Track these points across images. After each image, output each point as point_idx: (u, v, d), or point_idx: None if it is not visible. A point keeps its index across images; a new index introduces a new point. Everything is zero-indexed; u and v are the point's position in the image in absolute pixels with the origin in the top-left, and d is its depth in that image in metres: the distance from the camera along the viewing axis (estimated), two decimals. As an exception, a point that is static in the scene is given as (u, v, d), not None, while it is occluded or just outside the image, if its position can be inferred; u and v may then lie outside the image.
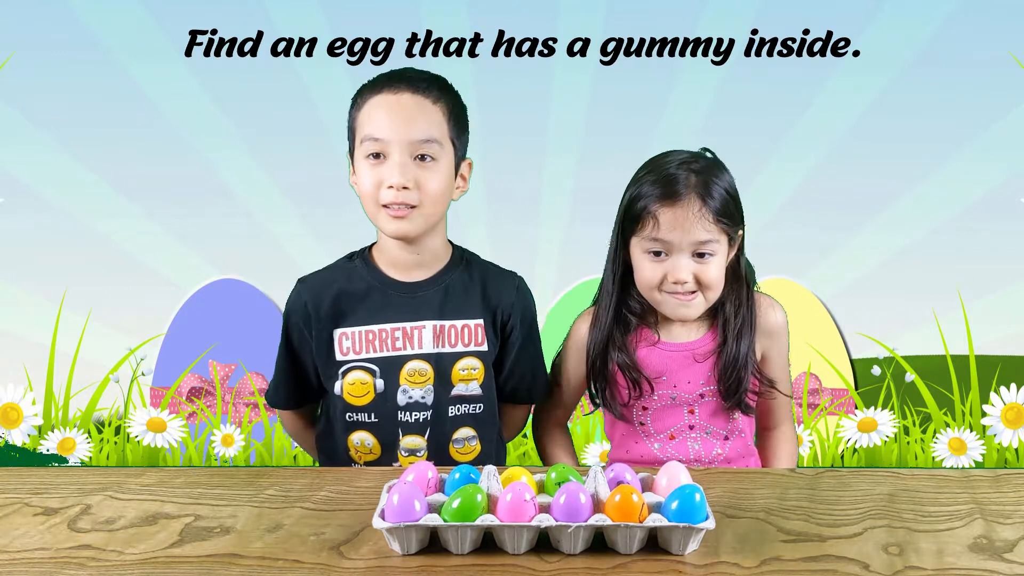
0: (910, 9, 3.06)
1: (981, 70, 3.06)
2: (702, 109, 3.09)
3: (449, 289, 1.53)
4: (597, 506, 1.03)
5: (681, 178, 1.43)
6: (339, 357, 1.51)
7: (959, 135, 3.04)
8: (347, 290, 1.52)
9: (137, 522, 1.11)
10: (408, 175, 1.43)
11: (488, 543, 1.00)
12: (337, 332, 1.51)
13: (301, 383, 1.57)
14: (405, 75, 1.48)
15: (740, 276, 1.52)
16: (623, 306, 1.53)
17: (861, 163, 3.14)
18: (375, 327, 1.50)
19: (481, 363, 1.52)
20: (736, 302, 1.51)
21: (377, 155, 1.44)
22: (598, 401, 1.57)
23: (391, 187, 1.43)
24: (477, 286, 1.54)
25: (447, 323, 1.51)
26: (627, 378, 1.51)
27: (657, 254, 1.45)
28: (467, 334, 1.52)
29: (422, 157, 1.44)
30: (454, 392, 1.51)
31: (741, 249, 1.52)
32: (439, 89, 1.48)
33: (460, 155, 1.52)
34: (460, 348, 1.51)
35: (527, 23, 3.11)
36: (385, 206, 1.45)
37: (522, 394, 1.61)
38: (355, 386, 1.50)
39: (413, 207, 1.44)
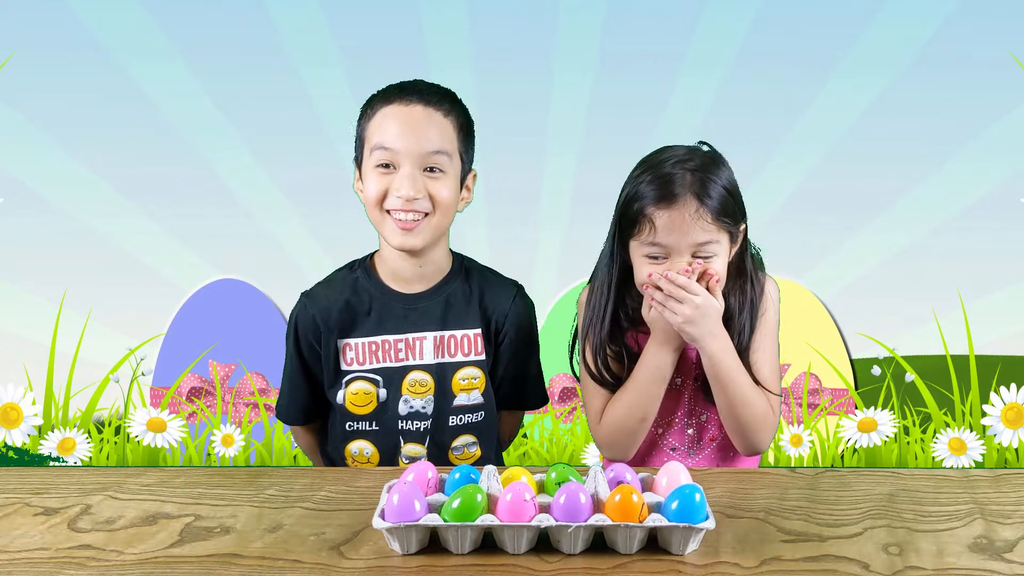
0: (910, 9, 3.06)
1: (981, 70, 3.06)
2: (702, 109, 3.09)
3: (450, 299, 1.53)
4: (597, 506, 1.03)
5: (677, 178, 1.40)
6: (343, 367, 1.52)
7: (959, 135, 3.04)
8: (353, 302, 1.53)
9: (137, 522, 1.11)
10: (418, 186, 1.44)
11: (488, 543, 1.00)
12: (342, 343, 1.52)
13: (315, 397, 1.57)
14: (416, 87, 1.49)
15: (745, 272, 1.50)
16: (620, 310, 1.51)
17: (861, 163, 3.14)
18: (378, 338, 1.52)
19: (481, 372, 1.54)
20: (740, 297, 1.49)
21: (387, 165, 1.46)
22: (595, 373, 1.50)
23: (399, 196, 1.44)
24: (476, 295, 1.55)
25: (447, 333, 1.52)
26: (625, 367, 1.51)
27: (656, 257, 1.43)
28: (467, 344, 1.53)
29: (431, 169, 1.46)
30: (456, 402, 1.53)
31: (745, 244, 1.50)
32: (450, 102, 1.50)
33: (466, 168, 1.53)
34: (460, 358, 1.53)
35: (527, 24, 3.11)
36: (390, 213, 1.46)
37: (511, 401, 1.61)
38: (358, 396, 1.52)
39: (425, 214, 1.46)
